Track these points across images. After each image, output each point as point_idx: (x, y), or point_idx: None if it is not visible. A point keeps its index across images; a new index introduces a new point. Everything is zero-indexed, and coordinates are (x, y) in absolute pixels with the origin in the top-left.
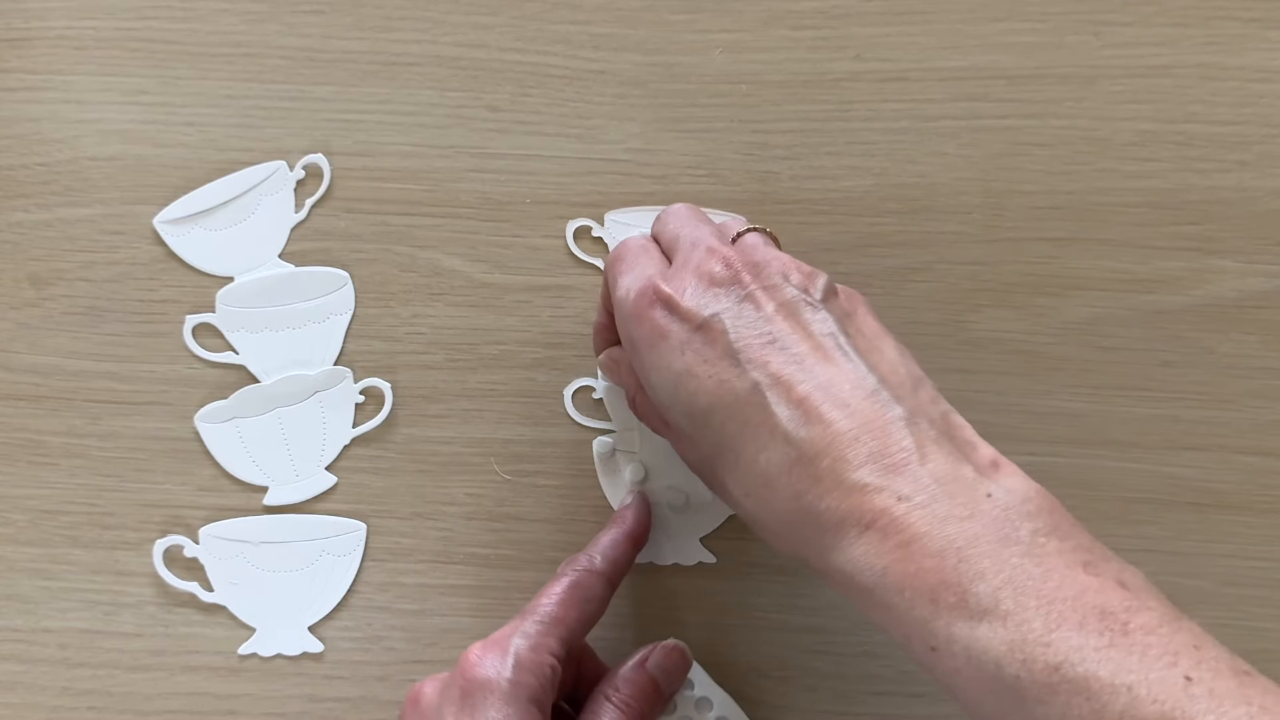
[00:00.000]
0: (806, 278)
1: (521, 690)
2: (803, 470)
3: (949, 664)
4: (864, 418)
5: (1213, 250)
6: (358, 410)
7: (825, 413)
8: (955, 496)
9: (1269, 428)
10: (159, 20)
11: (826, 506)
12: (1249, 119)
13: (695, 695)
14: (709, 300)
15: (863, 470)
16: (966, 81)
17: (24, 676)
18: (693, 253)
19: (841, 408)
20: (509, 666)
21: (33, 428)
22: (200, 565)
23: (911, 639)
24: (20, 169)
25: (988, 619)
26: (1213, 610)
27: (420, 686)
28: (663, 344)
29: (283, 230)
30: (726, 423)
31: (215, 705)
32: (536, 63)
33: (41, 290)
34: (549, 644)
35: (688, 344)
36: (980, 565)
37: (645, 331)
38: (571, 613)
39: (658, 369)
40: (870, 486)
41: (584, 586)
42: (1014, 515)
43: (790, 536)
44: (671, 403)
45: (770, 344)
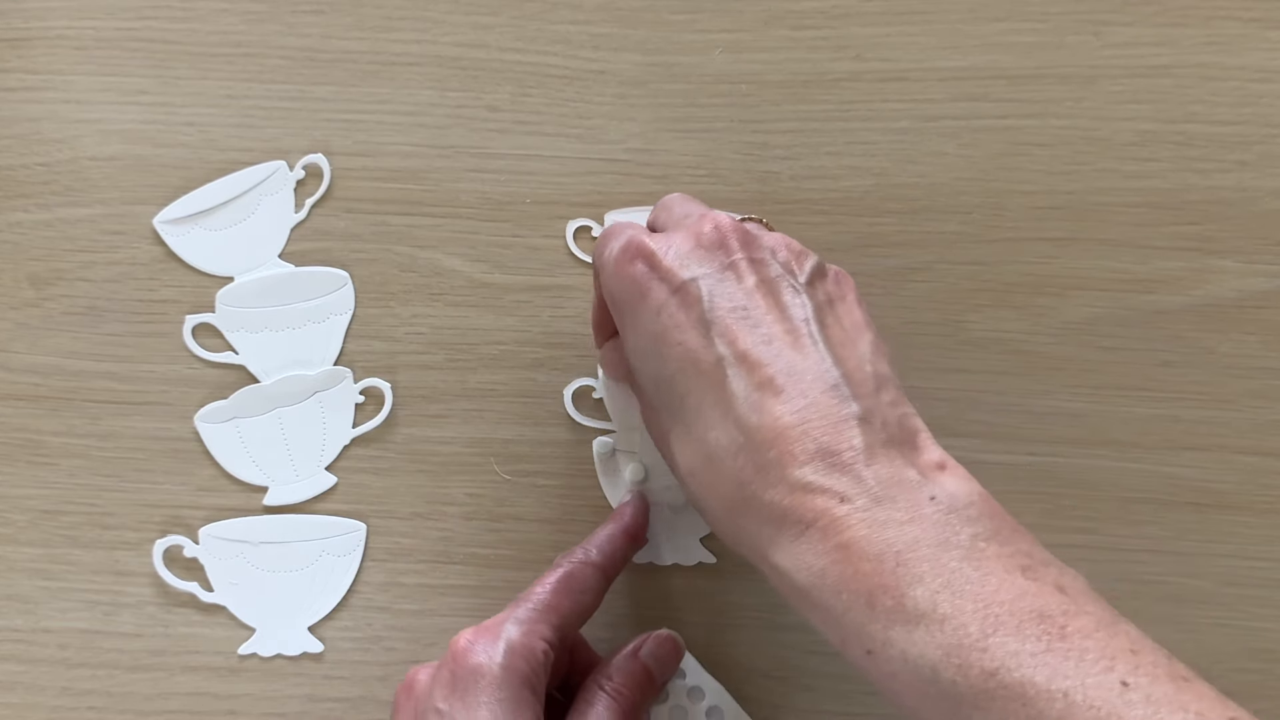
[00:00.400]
0: (795, 256)
1: (513, 675)
2: (749, 457)
3: (885, 668)
4: (818, 411)
5: (1213, 250)
6: (358, 410)
7: (781, 401)
8: (897, 500)
9: (1269, 428)
10: (159, 20)
11: (769, 500)
12: (1249, 119)
13: (688, 684)
14: (691, 262)
15: (808, 468)
16: (966, 81)
17: (24, 676)
18: (685, 218)
19: (799, 398)
20: (500, 651)
21: (33, 428)
22: (200, 565)
23: (848, 642)
24: (20, 169)
25: (924, 623)
26: (1213, 610)
27: (414, 674)
28: (641, 304)
29: (283, 230)
30: (687, 394)
31: (215, 705)
32: (536, 63)
33: (41, 290)
34: (541, 629)
35: (664, 306)
36: (919, 569)
37: (625, 288)
38: (565, 601)
39: (635, 330)
40: (813, 485)
41: (578, 577)
42: (955, 519)
43: (730, 525)
44: (641, 365)
45: (744, 319)
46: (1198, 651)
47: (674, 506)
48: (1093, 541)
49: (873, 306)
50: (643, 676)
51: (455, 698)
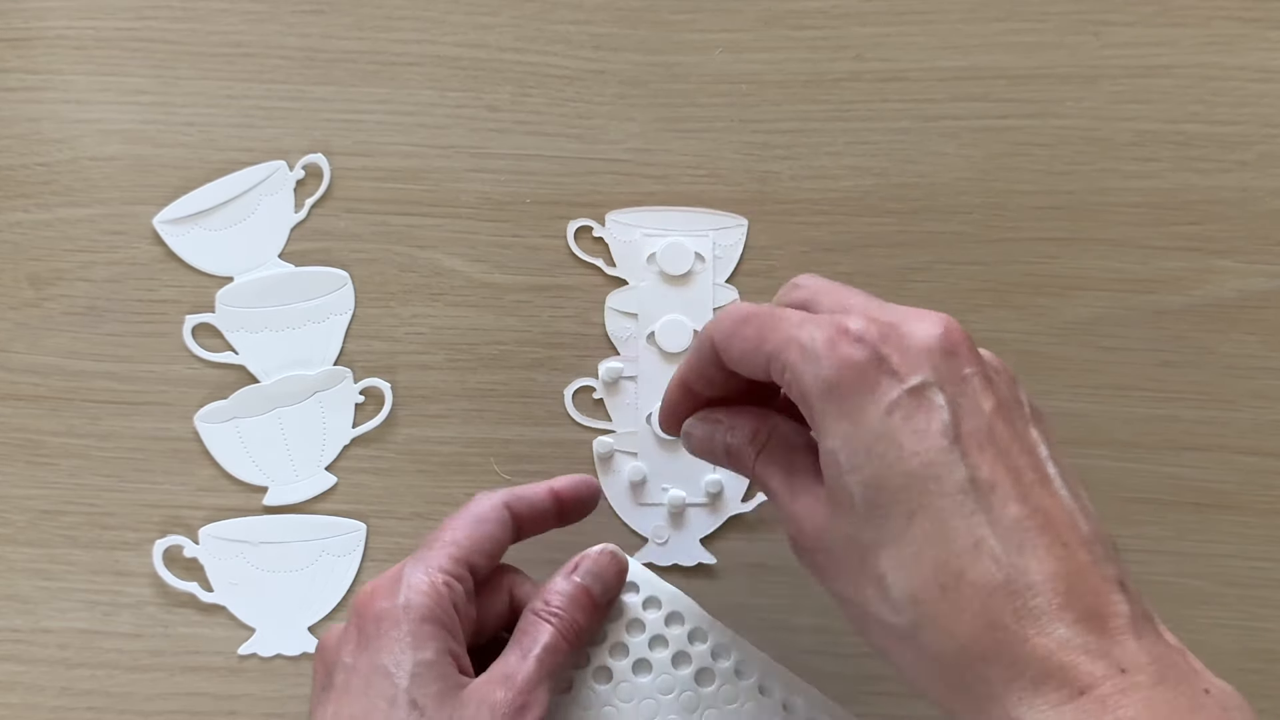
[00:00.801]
0: (1011, 382)
1: (412, 612)
2: (1007, 600)
3: None
4: (1079, 565)
5: (1213, 250)
6: (358, 410)
7: (1044, 545)
8: (1176, 685)
9: (1269, 428)
10: (159, 20)
11: (1030, 652)
12: (1249, 119)
13: (641, 598)
14: (923, 366)
15: (1079, 626)
16: (966, 81)
17: (24, 677)
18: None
19: (1059, 546)
20: (400, 593)
21: (32, 428)
22: (200, 565)
23: None
24: (20, 169)
25: None
26: (1213, 610)
27: (325, 636)
28: (867, 396)
29: (282, 230)
30: (918, 510)
31: (215, 705)
32: (536, 63)
33: (41, 290)
34: (438, 562)
35: (897, 405)
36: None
37: (846, 376)
38: (461, 532)
39: (851, 419)
40: (1089, 647)
41: (476, 509)
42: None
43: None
44: (854, 466)
45: (990, 443)
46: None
47: (674, 508)
48: None
49: None
50: (581, 596)
51: (359, 648)
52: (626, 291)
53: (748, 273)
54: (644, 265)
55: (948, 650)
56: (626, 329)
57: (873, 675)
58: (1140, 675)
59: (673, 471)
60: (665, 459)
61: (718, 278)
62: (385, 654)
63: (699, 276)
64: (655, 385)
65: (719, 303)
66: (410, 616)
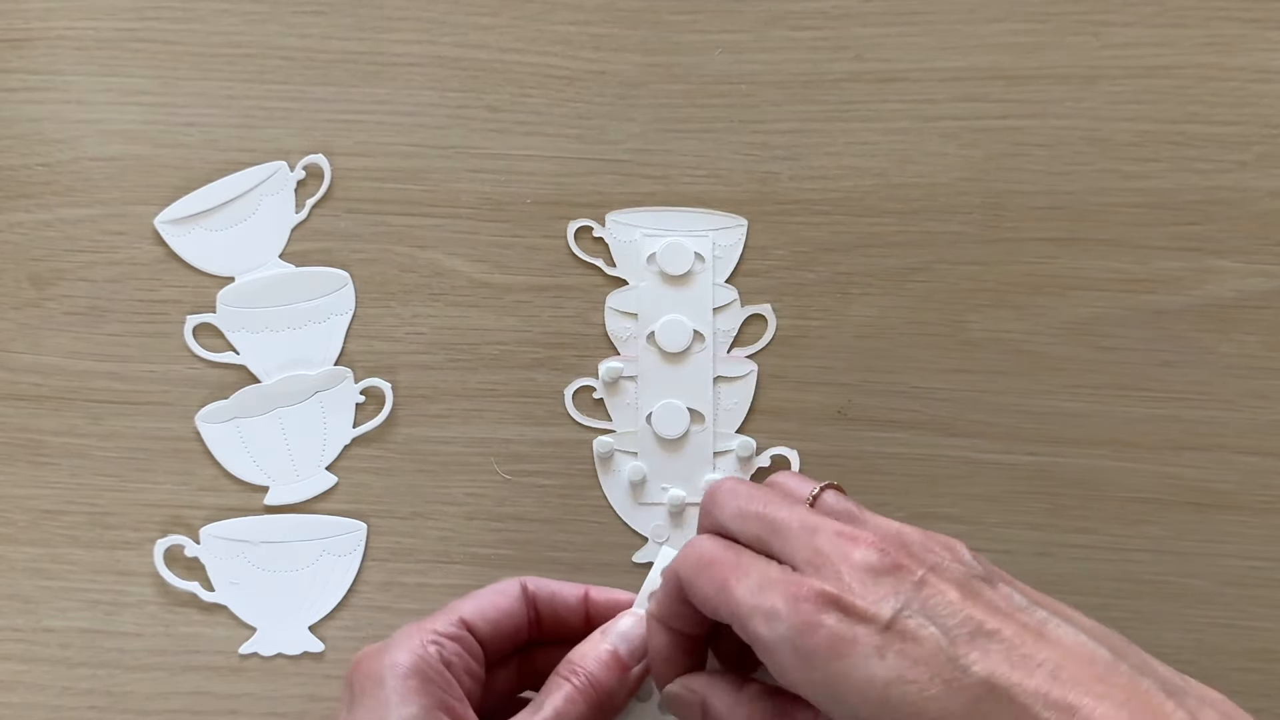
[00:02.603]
0: (950, 549)
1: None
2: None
3: None
4: (1124, 696)
5: (1213, 250)
6: (358, 410)
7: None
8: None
9: (1269, 428)
10: (159, 20)
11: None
12: (1248, 119)
13: None
14: (883, 594)
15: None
16: (966, 81)
17: (25, 676)
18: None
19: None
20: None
21: (33, 428)
22: (201, 565)
23: None
24: (21, 169)
25: None
26: (1213, 610)
27: None
28: (853, 653)
29: (283, 230)
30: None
31: (216, 705)
32: (536, 63)
33: (42, 290)
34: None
35: (885, 647)
36: None
37: (821, 642)
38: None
39: (851, 680)
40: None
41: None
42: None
43: None
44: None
45: (979, 634)
46: (1198, 651)
47: (674, 508)
48: (1093, 541)
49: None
50: (607, 657)
51: (346, 709)
52: (626, 291)
53: (747, 273)
54: (644, 265)
55: None
56: (626, 329)
57: None
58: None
59: (673, 471)
60: (665, 459)
61: (717, 278)
62: (363, 712)
63: (699, 276)
64: (655, 385)
65: (719, 303)
66: (395, 674)
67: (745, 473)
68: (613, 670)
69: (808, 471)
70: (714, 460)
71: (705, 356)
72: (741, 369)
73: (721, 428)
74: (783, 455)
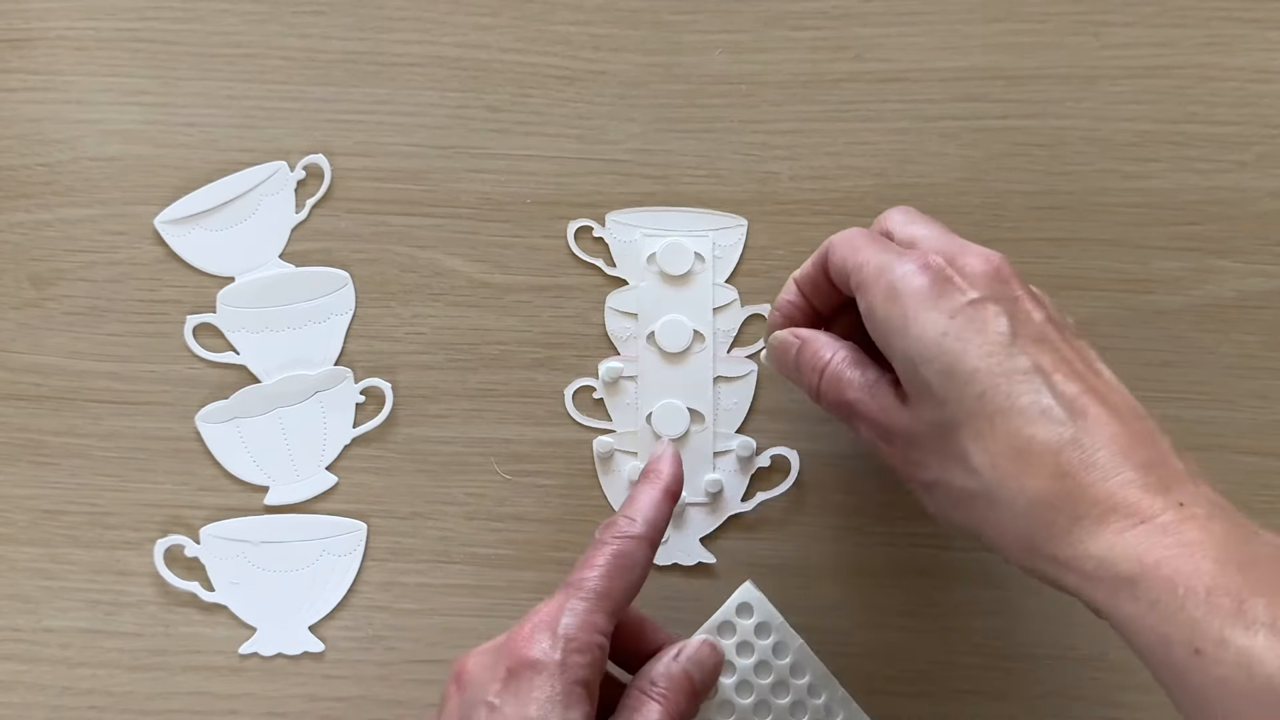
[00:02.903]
0: (1060, 309)
1: (569, 672)
2: (1075, 454)
3: (1215, 671)
4: (1138, 430)
5: (1212, 250)
6: (358, 410)
7: (1102, 411)
8: (1232, 521)
9: (1269, 428)
10: (159, 20)
11: (1099, 492)
12: (1248, 119)
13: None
14: (983, 288)
15: (1142, 470)
16: (966, 81)
17: (25, 676)
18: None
19: (1116, 414)
20: (558, 648)
21: (34, 428)
22: (201, 565)
23: (1172, 639)
24: (21, 169)
25: (1264, 631)
26: None
27: (463, 662)
28: (933, 303)
29: (283, 230)
30: (989, 391)
31: (216, 705)
32: (536, 63)
33: (42, 290)
34: (596, 621)
35: (961, 311)
36: (1260, 585)
37: (914, 287)
38: (617, 584)
39: (921, 323)
40: (1150, 485)
41: (626, 554)
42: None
43: (1029, 516)
44: (928, 359)
45: (1042, 341)
46: None
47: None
48: None
49: None
50: (684, 681)
51: (508, 692)
52: (626, 291)
53: (747, 273)
54: (644, 265)
55: (1021, 504)
56: (626, 329)
57: (873, 675)
58: (1198, 509)
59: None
60: None
61: (717, 278)
62: (534, 706)
63: (699, 277)
64: (655, 385)
65: (719, 303)
66: (566, 677)
67: (745, 474)
68: (689, 695)
69: (807, 472)
70: (714, 460)
71: (705, 356)
72: (741, 369)
73: (721, 428)
74: (783, 455)
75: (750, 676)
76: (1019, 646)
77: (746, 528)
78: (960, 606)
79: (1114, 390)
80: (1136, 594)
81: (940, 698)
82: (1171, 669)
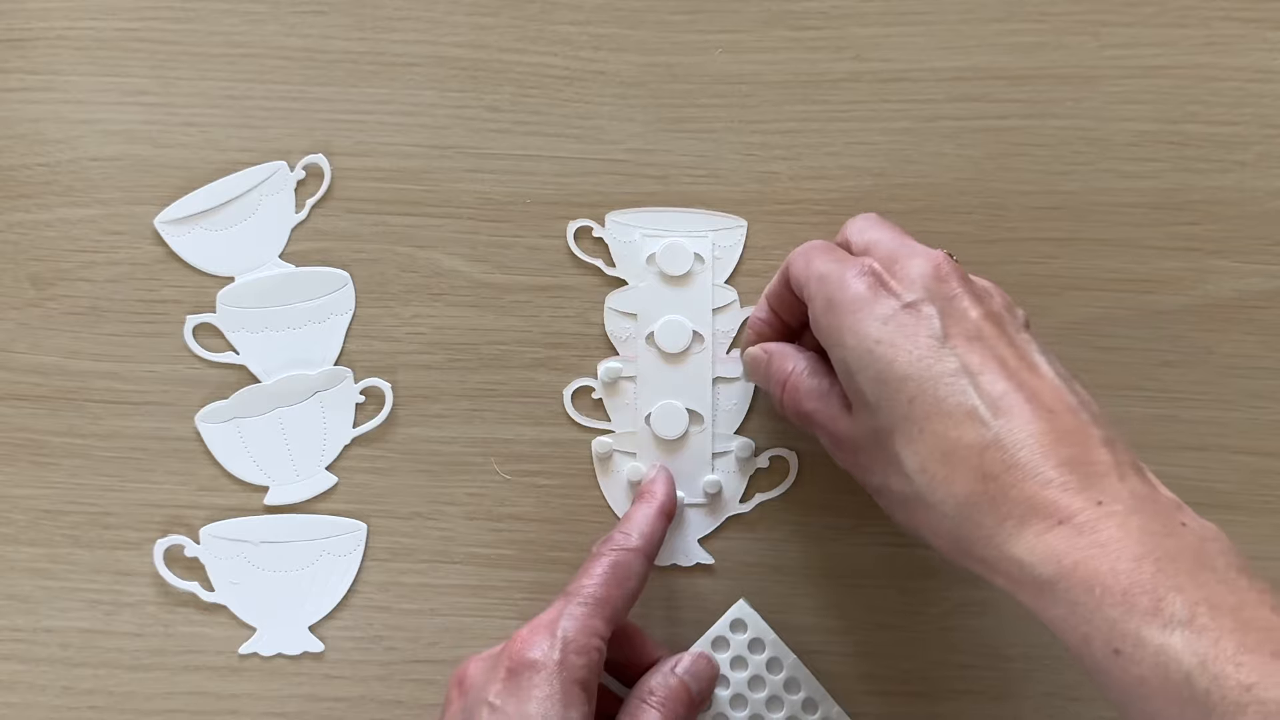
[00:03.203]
0: (1009, 302)
1: (568, 672)
2: (997, 455)
3: (1133, 670)
4: (1065, 426)
5: (1212, 250)
6: (358, 410)
7: (1028, 409)
8: (1153, 515)
9: (1269, 428)
10: (159, 20)
11: (1018, 495)
12: (1248, 119)
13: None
14: (919, 290)
15: (1063, 468)
16: (966, 81)
17: (25, 676)
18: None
19: (1044, 411)
20: (557, 649)
21: (34, 428)
22: (201, 565)
23: (1093, 639)
24: (21, 169)
25: (1181, 629)
26: None
27: (465, 666)
28: (866, 310)
29: (283, 230)
30: (918, 396)
31: (216, 705)
32: (536, 63)
33: (42, 290)
34: (595, 625)
35: (892, 318)
36: (1177, 580)
37: (849, 296)
38: (615, 592)
39: (855, 332)
40: (1069, 485)
41: (624, 565)
42: (1210, 546)
43: (958, 518)
44: (861, 367)
45: (975, 339)
46: None
47: None
48: None
49: None
50: (682, 692)
51: (508, 693)
52: (626, 292)
53: (747, 273)
54: (643, 266)
55: (949, 506)
56: (626, 329)
57: (873, 675)
58: (1117, 505)
59: (671, 472)
60: (664, 460)
61: (717, 278)
62: (534, 704)
63: (698, 277)
64: (654, 385)
65: (718, 303)
66: (564, 677)
67: (743, 475)
68: (686, 705)
69: (806, 473)
70: (713, 461)
71: (704, 357)
72: (741, 370)
73: (720, 428)
74: (781, 456)
75: (744, 690)
76: (1017, 647)
77: (745, 528)
78: (959, 607)
79: (1046, 385)
80: (1057, 596)
81: (938, 698)
82: (1096, 668)
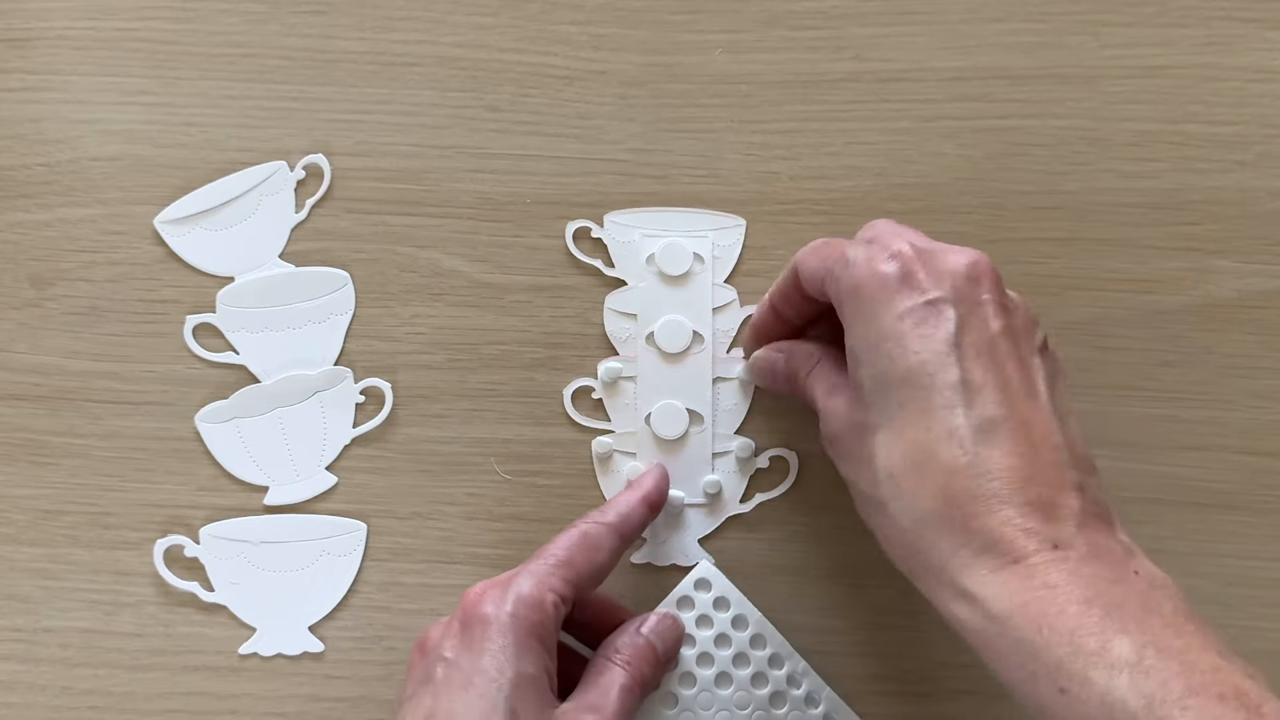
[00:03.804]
0: (1031, 321)
1: (519, 624)
2: (967, 481)
3: (1079, 709)
4: (1042, 463)
5: (1212, 250)
6: (358, 410)
7: (1010, 441)
8: (1105, 562)
9: (1269, 428)
10: (159, 20)
11: (979, 526)
12: (1248, 119)
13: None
14: (946, 287)
15: (1026, 508)
16: (966, 81)
17: (25, 676)
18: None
19: (1027, 445)
20: (509, 601)
21: (33, 428)
22: (201, 565)
23: (1040, 678)
24: (21, 169)
25: (1128, 671)
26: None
27: (427, 630)
28: (885, 301)
29: (283, 230)
30: (910, 399)
31: (216, 705)
32: (536, 63)
33: (42, 290)
34: (552, 582)
35: (910, 313)
36: (1125, 624)
37: (877, 280)
38: (578, 557)
39: (867, 322)
40: (1029, 528)
41: (592, 536)
42: (1157, 593)
43: (913, 532)
44: (866, 360)
45: (988, 353)
46: None
47: (673, 508)
48: None
49: None
50: (648, 650)
51: (462, 646)
52: (625, 292)
53: (747, 273)
54: (643, 266)
55: (909, 520)
56: (626, 329)
57: (873, 675)
58: (1071, 552)
59: (671, 472)
60: (664, 460)
61: (716, 278)
62: (488, 657)
63: (698, 277)
64: (654, 385)
65: (718, 303)
66: (517, 628)
67: (743, 475)
68: (652, 664)
69: (806, 473)
70: (713, 461)
71: (704, 357)
72: (741, 369)
73: (720, 428)
74: (781, 456)
75: (710, 648)
76: None
77: (745, 528)
78: None
79: (1039, 417)
80: (1004, 632)
81: (939, 698)
82: (1041, 707)
